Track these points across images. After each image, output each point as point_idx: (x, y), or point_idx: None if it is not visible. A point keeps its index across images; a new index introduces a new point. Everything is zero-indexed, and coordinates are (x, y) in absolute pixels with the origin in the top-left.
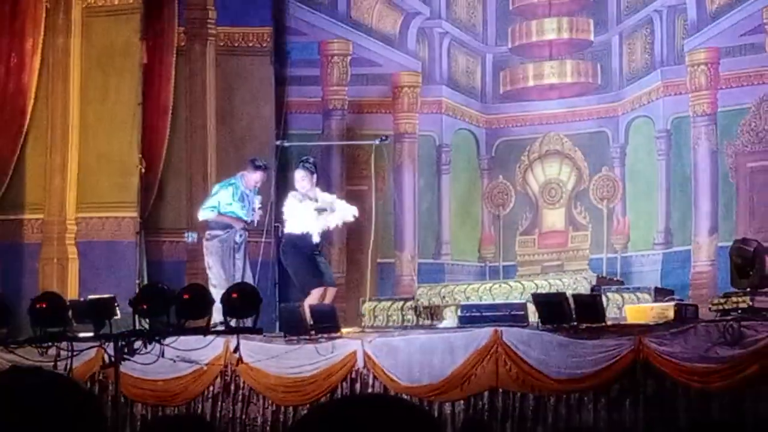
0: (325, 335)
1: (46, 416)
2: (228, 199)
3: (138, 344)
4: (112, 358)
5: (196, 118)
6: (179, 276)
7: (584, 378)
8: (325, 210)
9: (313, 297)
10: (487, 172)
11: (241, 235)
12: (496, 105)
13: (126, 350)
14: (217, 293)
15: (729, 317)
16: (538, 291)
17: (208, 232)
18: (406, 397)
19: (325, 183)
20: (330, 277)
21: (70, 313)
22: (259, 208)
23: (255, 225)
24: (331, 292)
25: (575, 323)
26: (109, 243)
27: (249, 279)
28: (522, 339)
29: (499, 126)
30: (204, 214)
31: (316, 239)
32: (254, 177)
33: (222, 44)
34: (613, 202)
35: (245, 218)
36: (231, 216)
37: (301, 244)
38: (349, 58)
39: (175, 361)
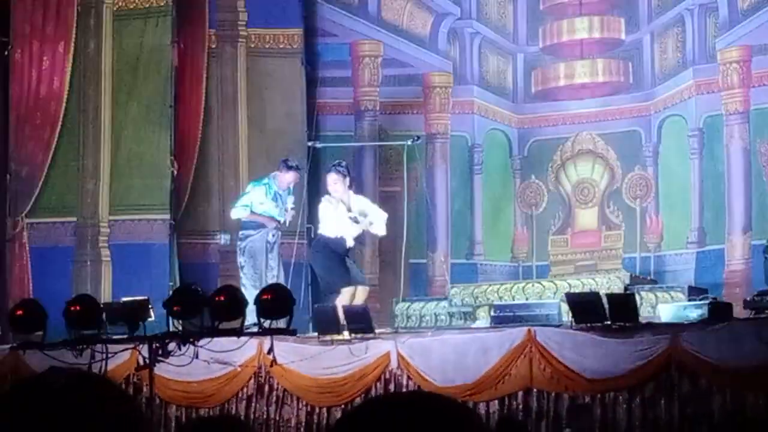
0: (359, 336)
1: (87, 418)
2: (261, 198)
3: (172, 346)
4: (147, 360)
5: (228, 120)
6: (212, 277)
7: (618, 377)
8: (357, 222)
9: (345, 297)
10: (519, 172)
11: (273, 235)
12: (528, 105)
13: (160, 352)
14: (249, 294)
15: (763, 315)
16: (572, 290)
17: (241, 232)
18: None
19: (357, 184)
20: (359, 275)
21: (104, 315)
22: (292, 209)
23: (287, 225)
24: (363, 291)
25: (609, 323)
26: (141, 245)
27: (281, 279)
28: (556, 339)
29: (531, 126)
30: (237, 212)
31: (350, 243)
32: (287, 177)
33: (253, 46)
34: (646, 201)
35: (278, 218)
36: (264, 215)
37: (333, 246)
38: (380, 59)
39: (209, 363)
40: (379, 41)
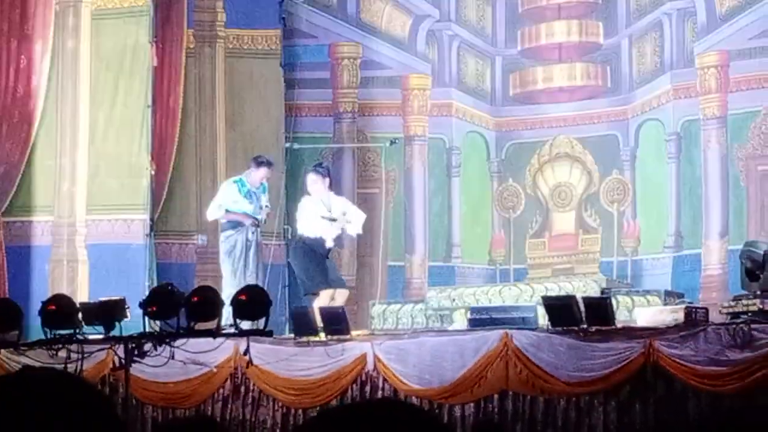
0: (335, 338)
1: (60, 417)
2: (235, 197)
3: (148, 346)
4: (123, 361)
5: (206, 120)
6: (189, 278)
7: (594, 380)
8: (335, 220)
9: (323, 298)
10: (497, 175)
11: (253, 233)
12: (506, 108)
13: (136, 352)
14: (229, 294)
15: (739, 320)
16: (548, 294)
17: (222, 233)
18: (415, 399)
19: (335, 186)
20: (338, 278)
21: (80, 315)
22: (267, 206)
23: (264, 223)
24: (342, 294)
25: (585, 326)
26: (118, 245)
27: (260, 280)
28: (532, 342)
29: (509, 129)
30: (212, 212)
31: (329, 244)
32: (259, 174)
33: (231, 46)
34: (623, 206)
35: (254, 215)
36: (240, 213)
37: (312, 246)
38: (359, 60)
39: (185, 364)
40: (357, 43)
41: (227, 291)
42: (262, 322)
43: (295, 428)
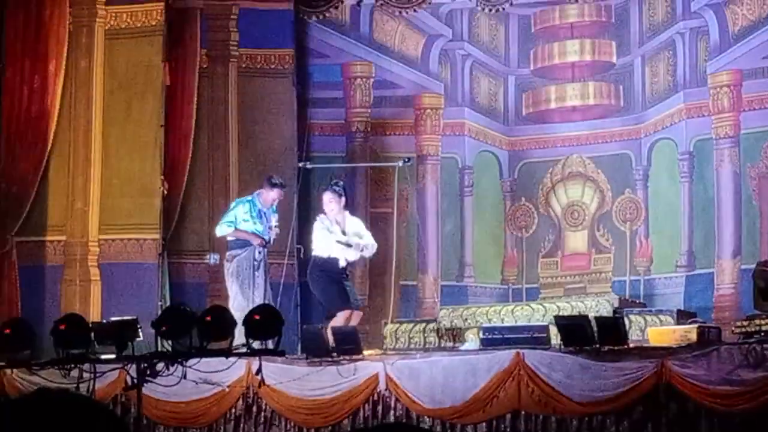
0: (347, 357)
1: None
2: (244, 216)
3: (160, 366)
4: (135, 380)
5: (218, 140)
6: (201, 297)
7: (607, 400)
8: (350, 246)
9: (339, 319)
10: (509, 194)
11: (260, 252)
12: (519, 127)
13: (148, 372)
14: (238, 315)
15: (752, 340)
16: (561, 313)
17: (228, 253)
18: (427, 419)
19: (348, 205)
20: (356, 300)
21: (92, 334)
22: (276, 227)
23: (272, 243)
24: (357, 315)
25: (597, 346)
26: (131, 265)
27: (269, 299)
28: (544, 361)
29: (521, 148)
30: (221, 229)
31: (342, 264)
32: (271, 195)
33: (244, 66)
34: (636, 225)
35: (262, 235)
36: (248, 232)
37: (327, 267)
38: (372, 80)
39: (197, 383)
40: (370, 62)
41: (233, 310)
42: (274, 341)
43: None
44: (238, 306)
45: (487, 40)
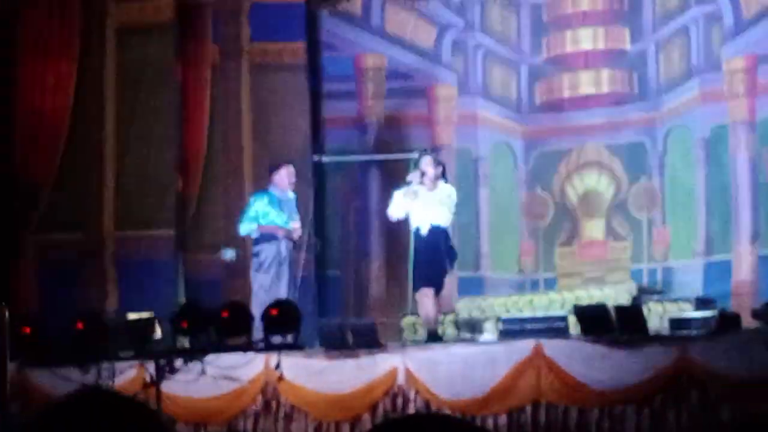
0: (366, 350)
1: None
2: (264, 208)
3: (179, 363)
4: (153, 377)
5: (232, 135)
6: (217, 293)
7: (627, 390)
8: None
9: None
10: (525, 183)
11: (286, 247)
12: (533, 116)
13: (167, 369)
14: (260, 310)
15: None
16: (579, 302)
17: (255, 248)
18: (447, 411)
19: (362, 197)
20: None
21: (110, 332)
22: (296, 221)
23: (297, 236)
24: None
25: (617, 334)
26: (147, 261)
27: (293, 293)
28: (564, 351)
29: (536, 137)
30: (244, 228)
31: (423, 232)
32: (281, 176)
33: (257, 60)
34: (652, 212)
35: (285, 226)
36: (272, 225)
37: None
38: (384, 71)
39: (216, 379)
40: (382, 54)
41: (259, 305)
42: (293, 336)
43: None
44: (261, 301)
45: (499, 29)
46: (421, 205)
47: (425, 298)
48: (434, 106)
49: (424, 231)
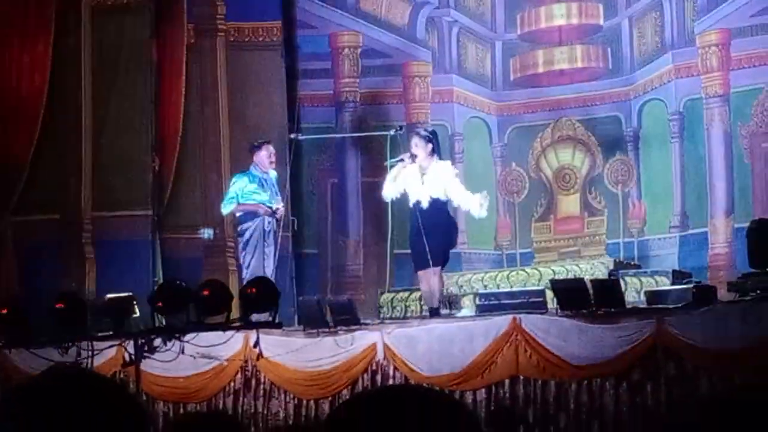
0: (345, 328)
1: (94, 416)
2: (247, 187)
3: (158, 342)
4: (133, 357)
5: (209, 114)
6: (197, 272)
7: (605, 363)
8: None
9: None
10: (500, 159)
11: (269, 223)
12: (507, 92)
13: (146, 348)
14: None
15: (747, 298)
16: (556, 277)
17: (239, 227)
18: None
19: (340, 176)
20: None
21: (89, 312)
22: (279, 201)
23: (280, 214)
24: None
25: (594, 308)
26: (125, 241)
27: (272, 270)
28: (541, 326)
29: (510, 113)
30: (226, 207)
31: (423, 206)
32: (262, 156)
33: (232, 39)
34: (628, 187)
35: (269, 204)
36: (252, 203)
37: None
38: (360, 49)
39: (195, 358)
40: (357, 32)
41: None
42: (271, 314)
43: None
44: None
45: (473, 5)
46: (417, 182)
47: (433, 276)
48: (409, 83)
49: (425, 205)
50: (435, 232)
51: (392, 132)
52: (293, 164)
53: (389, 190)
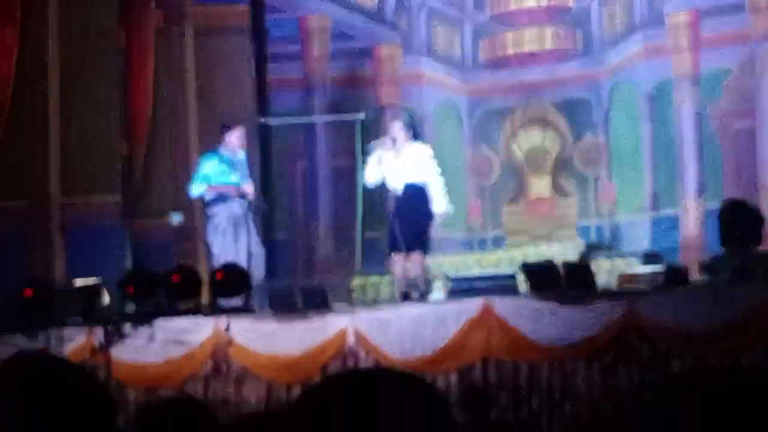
0: (315, 312)
1: (59, 403)
2: (215, 168)
3: (127, 328)
4: (102, 343)
5: (177, 99)
6: (168, 257)
7: (577, 345)
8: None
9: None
10: (470, 142)
11: (240, 206)
12: (477, 74)
13: (116, 334)
14: None
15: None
16: (527, 260)
17: (207, 210)
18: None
19: (309, 159)
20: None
21: (57, 299)
22: (248, 183)
23: (252, 197)
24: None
25: (566, 291)
26: (94, 227)
27: (258, 252)
28: (513, 309)
29: (480, 95)
30: (195, 189)
31: (402, 189)
32: (232, 138)
33: (200, 23)
34: (598, 168)
35: (237, 184)
36: (223, 185)
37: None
38: (329, 33)
39: (165, 344)
40: (327, 15)
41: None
42: (242, 299)
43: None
44: (222, 263)
45: None
46: (395, 166)
47: (416, 261)
48: (379, 66)
49: (403, 188)
50: (413, 215)
51: (362, 116)
52: (262, 149)
53: (373, 174)
